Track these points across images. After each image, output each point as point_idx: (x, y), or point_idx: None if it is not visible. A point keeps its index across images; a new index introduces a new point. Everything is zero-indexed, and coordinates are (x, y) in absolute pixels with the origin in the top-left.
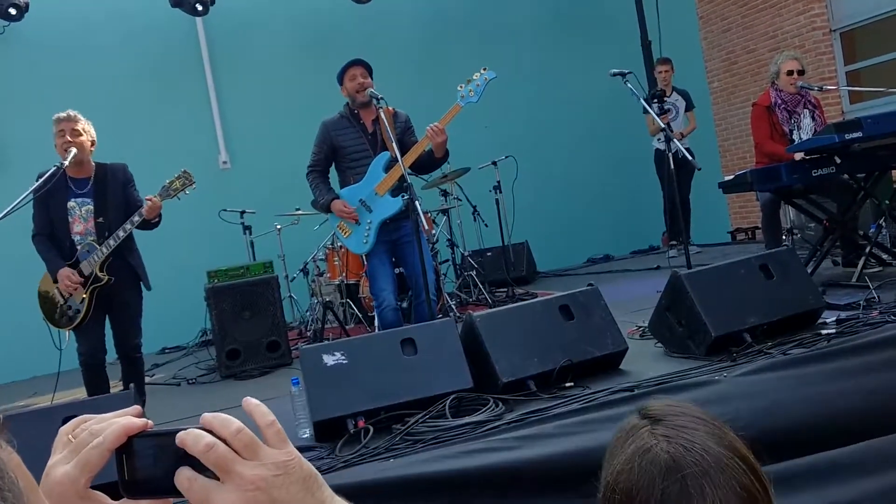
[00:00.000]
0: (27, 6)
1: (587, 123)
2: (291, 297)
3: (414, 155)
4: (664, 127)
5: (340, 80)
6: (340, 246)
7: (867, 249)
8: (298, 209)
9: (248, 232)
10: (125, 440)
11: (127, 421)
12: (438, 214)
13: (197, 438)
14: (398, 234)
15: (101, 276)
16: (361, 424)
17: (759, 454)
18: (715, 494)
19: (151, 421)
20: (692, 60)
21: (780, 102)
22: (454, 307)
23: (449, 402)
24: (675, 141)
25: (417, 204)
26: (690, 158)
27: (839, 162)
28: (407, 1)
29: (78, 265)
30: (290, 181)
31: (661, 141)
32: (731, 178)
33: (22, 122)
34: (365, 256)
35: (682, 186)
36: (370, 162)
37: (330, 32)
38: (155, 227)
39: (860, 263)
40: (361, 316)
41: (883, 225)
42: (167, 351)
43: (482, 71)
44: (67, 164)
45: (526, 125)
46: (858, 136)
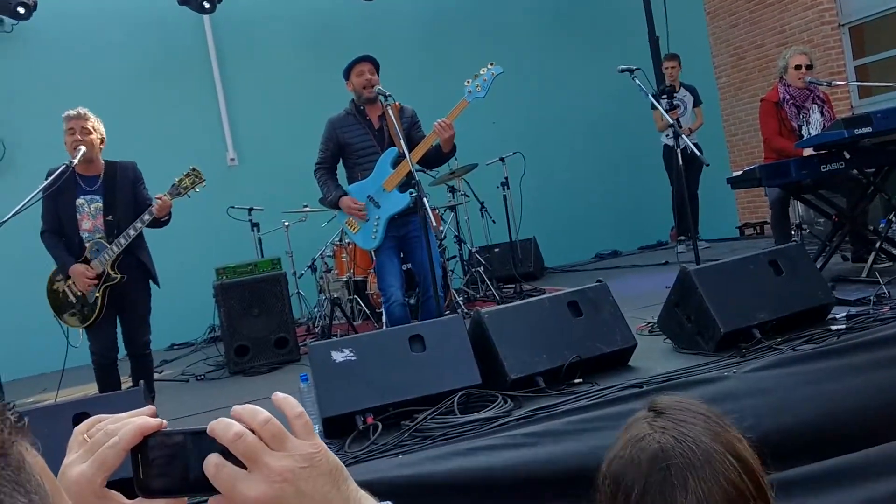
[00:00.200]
0: (35, 5)
1: (594, 119)
2: (299, 293)
3: (422, 150)
4: (673, 123)
5: (347, 75)
6: (348, 242)
7: (877, 245)
8: (306, 206)
9: (256, 229)
10: (140, 440)
11: (142, 421)
12: (446, 211)
13: (227, 427)
14: (406, 229)
15: (113, 274)
16: (370, 421)
17: (764, 458)
18: (698, 487)
19: (166, 421)
20: (700, 56)
21: (788, 98)
22: (462, 303)
23: (457, 398)
24: (683, 137)
25: (425, 200)
26: (699, 154)
27: (848, 157)
28: None
29: (87, 262)
30: (297, 178)
31: (669, 137)
32: (739, 173)
33: (31, 119)
34: (373, 252)
35: (690, 182)
36: (377, 158)
37: (337, 30)
38: (165, 225)
39: (870, 259)
40: (369, 312)
41: (893, 220)
42: (176, 347)
43: (489, 66)
44: (77, 161)
45: (533, 121)
46: (868, 131)
